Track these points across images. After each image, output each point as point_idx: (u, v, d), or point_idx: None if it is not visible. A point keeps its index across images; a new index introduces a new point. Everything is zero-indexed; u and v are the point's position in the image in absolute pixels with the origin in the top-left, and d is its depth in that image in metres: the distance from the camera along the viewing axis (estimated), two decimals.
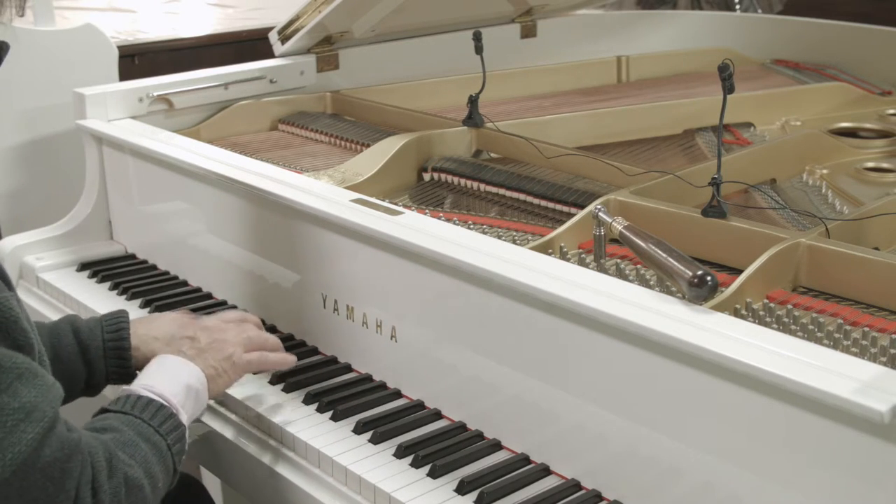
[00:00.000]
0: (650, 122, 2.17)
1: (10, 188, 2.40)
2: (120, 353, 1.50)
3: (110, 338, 1.50)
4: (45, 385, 1.13)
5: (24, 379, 1.10)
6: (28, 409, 1.09)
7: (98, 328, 1.51)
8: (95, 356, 1.49)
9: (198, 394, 1.38)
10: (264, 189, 1.68)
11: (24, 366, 1.11)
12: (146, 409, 1.29)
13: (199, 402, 1.39)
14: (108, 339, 1.50)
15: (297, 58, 2.36)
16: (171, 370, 1.39)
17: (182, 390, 1.36)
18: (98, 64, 2.46)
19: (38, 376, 1.12)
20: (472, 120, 2.02)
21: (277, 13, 3.07)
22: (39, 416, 1.10)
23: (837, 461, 1.07)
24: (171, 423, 1.30)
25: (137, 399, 1.31)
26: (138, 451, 1.24)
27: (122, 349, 1.50)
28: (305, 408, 1.51)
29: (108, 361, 1.49)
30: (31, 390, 1.10)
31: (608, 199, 1.60)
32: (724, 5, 4.53)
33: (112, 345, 1.50)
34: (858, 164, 1.96)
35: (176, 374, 1.38)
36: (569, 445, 1.33)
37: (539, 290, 1.30)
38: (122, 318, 1.53)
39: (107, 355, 1.49)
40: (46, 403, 1.11)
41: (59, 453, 1.11)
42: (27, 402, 1.09)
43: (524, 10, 2.76)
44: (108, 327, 1.51)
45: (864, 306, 1.36)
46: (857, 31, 2.64)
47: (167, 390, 1.34)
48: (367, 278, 1.56)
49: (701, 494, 1.19)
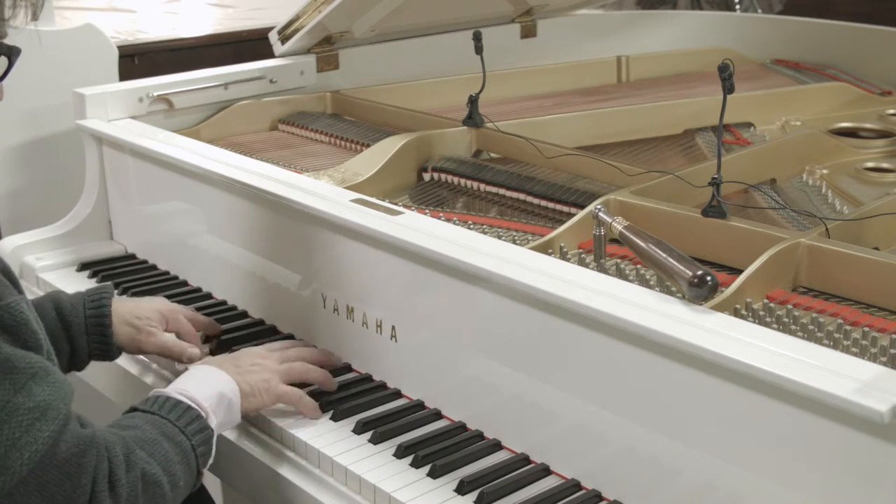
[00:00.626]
0: (650, 122, 2.17)
1: (10, 188, 2.40)
2: (101, 329, 1.53)
3: (91, 314, 1.53)
4: (58, 383, 1.14)
5: (37, 378, 1.12)
6: (43, 407, 1.11)
7: (80, 305, 1.53)
8: (78, 332, 1.52)
9: (230, 404, 1.39)
10: (264, 189, 1.68)
11: (38, 365, 1.13)
12: (173, 409, 1.31)
13: (230, 412, 1.39)
14: (89, 315, 1.53)
15: (297, 58, 2.36)
16: (206, 377, 1.40)
17: (214, 395, 1.37)
18: (98, 64, 2.46)
19: (50, 374, 1.14)
20: (472, 120, 2.02)
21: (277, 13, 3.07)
22: (54, 414, 1.12)
23: (837, 461, 1.07)
24: (198, 424, 1.31)
25: (166, 400, 1.32)
26: (158, 448, 1.25)
27: (103, 326, 1.53)
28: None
29: (90, 338, 1.52)
30: (45, 389, 1.12)
31: (608, 199, 1.60)
32: (724, 5, 4.53)
33: (94, 321, 1.52)
34: (858, 164, 1.96)
35: (210, 380, 1.39)
36: (569, 445, 1.33)
37: (539, 290, 1.30)
38: (105, 296, 1.55)
39: (89, 331, 1.52)
40: (60, 401, 1.13)
41: (74, 449, 1.13)
42: (42, 400, 1.11)
43: (524, 10, 2.76)
44: (91, 304, 1.54)
45: (864, 306, 1.36)
46: (857, 31, 2.64)
47: (199, 394, 1.35)
48: (367, 278, 1.56)
49: (701, 494, 1.19)
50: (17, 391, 1.10)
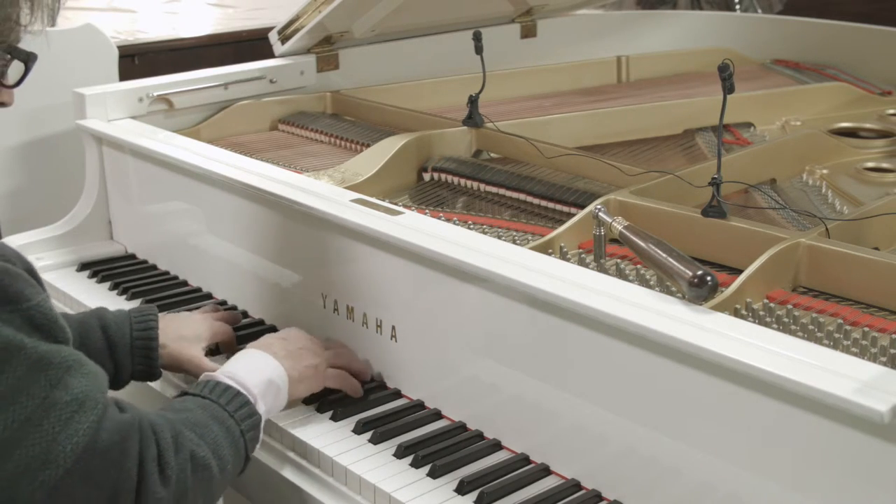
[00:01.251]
0: (650, 122, 2.17)
1: (10, 188, 2.40)
2: (147, 352, 1.52)
3: (138, 335, 1.52)
4: (93, 373, 1.16)
5: (73, 371, 1.13)
6: (81, 399, 1.12)
7: (126, 325, 1.52)
8: (123, 353, 1.51)
9: (278, 390, 1.41)
10: (264, 189, 1.68)
11: (72, 358, 1.14)
12: (223, 394, 1.32)
13: (278, 398, 1.41)
14: (136, 336, 1.52)
15: (297, 58, 2.36)
16: (256, 363, 1.41)
17: (263, 382, 1.38)
18: (98, 64, 2.46)
19: (84, 365, 1.15)
20: (472, 120, 2.02)
21: (277, 13, 3.07)
22: (92, 404, 1.13)
23: (837, 461, 1.07)
24: (247, 410, 1.33)
25: (216, 385, 1.34)
26: (208, 431, 1.26)
27: (149, 348, 1.52)
28: (305, 408, 1.51)
29: (134, 359, 1.52)
30: (80, 380, 1.13)
31: (608, 199, 1.60)
32: (724, 5, 4.53)
33: (140, 343, 1.52)
34: (858, 164, 1.96)
35: (260, 367, 1.41)
36: (569, 445, 1.33)
37: (539, 290, 1.30)
38: (152, 316, 1.54)
39: (134, 353, 1.52)
40: (97, 390, 1.14)
41: (115, 436, 1.14)
42: (79, 392, 1.12)
43: (524, 10, 2.76)
44: (137, 325, 1.53)
45: (864, 306, 1.36)
46: (857, 31, 2.64)
47: (248, 380, 1.36)
48: (367, 278, 1.56)
49: (701, 494, 1.19)
50: (54, 386, 1.10)
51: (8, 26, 1.19)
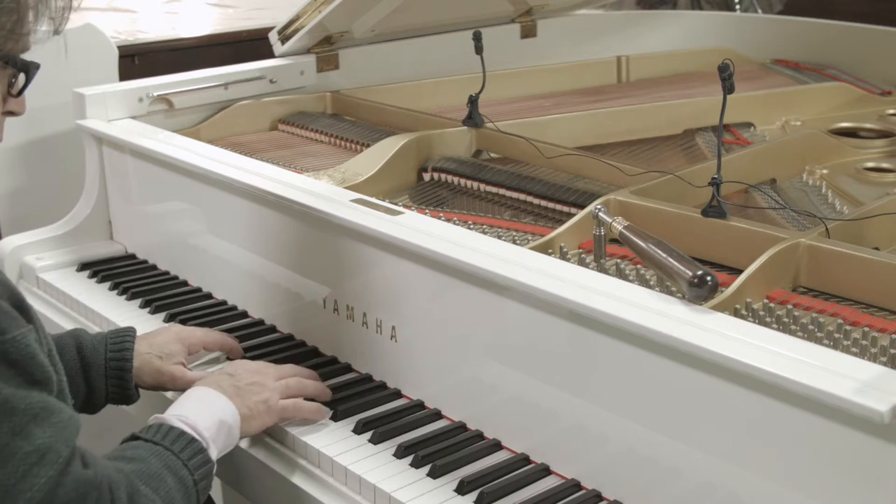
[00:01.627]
0: (650, 122, 2.17)
1: (10, 188, 2.40)
2: (121, 373, 1.49)
3: (113, 357, 1.49)
4: (62, 422, 1.11)
5: (38, 419, 1.08)
6: (42, 451, 1.08)
7: (102, 347, 1.50)
8: (97, 376, 1.48)
9: (230, 430, 1.37)
10: (264, 189, 1.68)
11: (40, 405, 1.09)
12: (177, 440, 1.28)
13: (230, 438, 1.37)
14: (110, 358, 1.49)
15: (297, 58, 2.36)
16: (207, 403, 1.37)
17: (215, 424, 1.34)
18: (98, 64, 2.46)
19: (53, 413, 1.10)
20: (472, 120, 2.02)
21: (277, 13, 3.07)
22: (54, 457, 1.08)
23: (837, 461, 1.07)
24: (201, 458, 1.29)
25: (170, 430, 1.29)
26: (163, 485, 1.22)
27: (123, 370, 1.49)
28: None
29: (108, 382, 1.49)
30: (45, 430, 1.09)
31: (608, 199, 1.60)
32: (724, 5, 4.53)
33: (114, 364, 1.49)
34: (858, 164, 1.96)
35: (210, 407, 1.36)
36: (569, 445, 1.33)
37: (539, 290, 1.30)
38: (128, 339, 1.52)
39: (108, 375, 1.49)
40: (62, 443, 1.10)
41: (72, 493, 1.10)
42: (42, 443, 1.08)
43: (524, 10, 2.76)
44: (112, 346, 1.50)
45: (864, 306, 1.36)
46: (857, 31, 2.64)
47: (200, 423, 1.32)
48: (366, 278, 1.56)
49: (701, 494, 1.19)
50: (16, 434, 1.06)
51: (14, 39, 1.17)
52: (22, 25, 1.17)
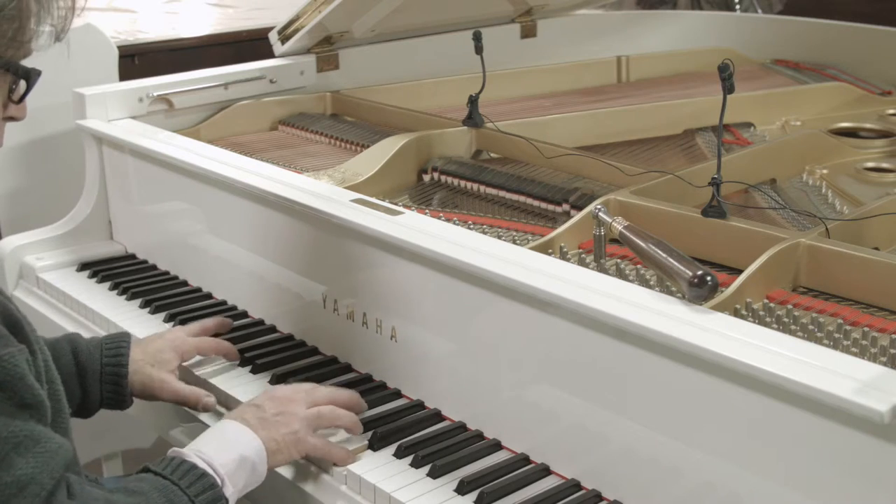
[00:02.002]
0: (650, 122, 2.17)
1: (10, 188, 2.40)
2: (116, 379, 1.49)
3: (108, 362, 1.49)
4: (48, 452, 1.08)
5: (21, 448, 1.05)
6: (23, 482, 1.04)
7: (98, 351, 1.49)
8: (92, 380, 1.48)
9: (254, 466, 1.29)
10: (264, 189, 1.68)
11: (24, 433, 1.06)
12: (186, 475, 1.22)
13: (255, 474, 1.30)
14: (105, 363, 1.49)
15: (297, 58, 2.36)
16: (229, 438, 1.30)
17: (234, 460, 1.27)
18: (98, 64, 2.46)
19: (39, 443, 1.07)
20: (472, 120, 2.02)
21: (277, 13, 3.07)
22: (36, 489, 1.05)
23: (837, 461, 1.07)
24: (212, 494, 1.22)
25: (181, 463, 1.24)
26: None
27: (118, 375, 1.49)
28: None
29: (103, 387, 1.49)
30: (28, 461, 1.05)
31: (608, 199, 1.60)
32: (724, 5, 4.53)
33: (109, 370, 1.49)
34: (858, 164, 1.96)
35: (232, 443, 1.29)
36: (569, 445, 1.33)
37: (539, 290, 1.30)
38: (123, 343, 1.51)
39: (103, 380, 1.48)
40: (45, 474, 1.06)
41: None
42: (23, 474, 1.04)
43: (524, 10, 2.76)
44: (108, 352, 1.50)
45: (864, 306, 1.36)
46: (857, 31, 2.64)
47: (217, 459, 1.25)
48: (367, 278, 1.56)
49: (701, 494, 1.19)
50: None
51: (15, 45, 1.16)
52: (23, 33, 1.16)
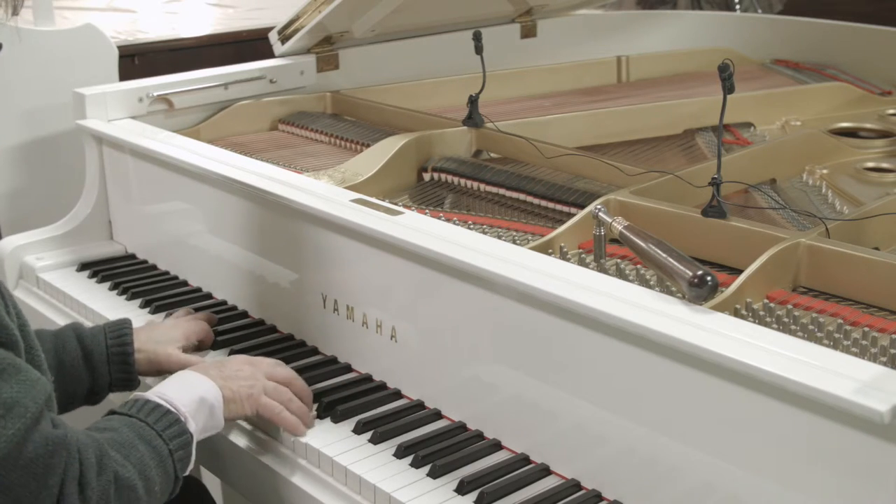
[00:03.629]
0: (650, 122, 2.17)
1: (10, 188, 2.40)
2: (123, 358, 1.52)
3: (113, 343, 1.52)
4: (29, 381, 1.12)
5: (5, 375, 1.10)
6: (9, 405, 1.08)
7: (101, 335, 1.52)
8: (99, 362, 1.51)
9: (212, 409, 1.37)
10: (264, 189, 1.68)
11: (7, 361, 1.11)
12: (151, 413, 1.29)
13: (213, 417, 1.37)
14: (111, 344, 1.52)
15: (297, 58, 2.36)
16: (188, 381, 1.38)
17: (195, 400, 1.34)
18: (98, 64, 2.46)
19: (21, 371, 1.12)
20: (472, 120, 2.02)
21: (277, 13, 3.07)
22: (21, 411, 1.09)
23: (837, 461, 1.07)
24: (176, 428, 1.29)
25: (145, 403, 1.31)
26: (134, 451, 1.23)
27: (125, 354, 1.52)
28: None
29: (111, 367, 1.51)
30: (12, 386, 1.10)
31: (608, 199, 1.60)
32: (724, 5, 4.53)
33: (116, 350, 1.51)
34: (858, 164, 1.96)
35: (191, 385, 1.37)
36: (569, 445, 1.33)
37: (539, 290, 1.30)
38: (126, 325, 1.55)
39: (110, 361, 1.51)
40: (29, 399, 1.10)
41: (41, 449, 1.10)
42: (8, 397, 1.09)
43: (524, 10, 2.76)
44: (112, 334, 1.53)
45: (864, 306, 1.37)
46: (857, 31, 2.64)
47: (178, 399, 1.33)
48: (367, 278, 1.56)
49: (701, 494, 1.19)
50: None
51: None
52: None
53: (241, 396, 1.41)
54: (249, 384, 1.43)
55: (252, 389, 1.42)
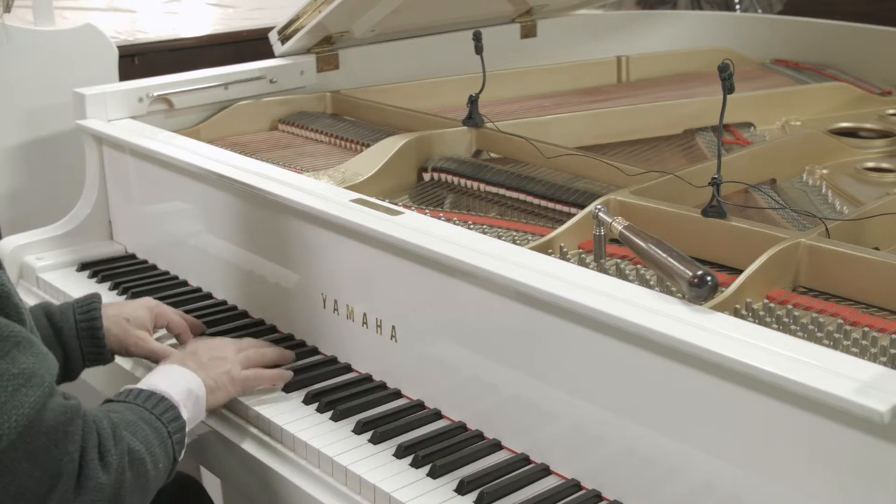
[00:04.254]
0: (650, 122, 2.17)
1: (10, 188, 2.40)
2: (93, 332, 1.55)
3: (82, 318, 1.55)
4: (42, 353, 1.16)
5: (21, 347, 1.13)
6: (28, 374, 1.12)
7: (70, 311, 1.56)
8: (69, 337, 1.54)
9: (197, 399, 1.43)
10: (264, 189, 1.68)
11: (22, 335, 1.14)
12: (148, 399, 1.34)
13: (198, 407, 1.43)
14: (80, 319, 1.55)
15: (297, 58, 2.36)
16: (174, 374, 1.44)
17: (183, 390, 1.40)
18: (98, 64, 2.46)
19: (34, 345, 1.15)
20: (472, 120, 2.02)
21: (277, 13, 3.07)
22: (39, 381, 1.12)
23: (837, 461, 1.07)
24: (172, 413, 1.35)
25: (140, 392, 1.36)
26: (140, 430, 1.28)
27: (94, 328, 1.55)
28: (305, 408, 1.51)
29: (82, 342, 1.55)
30: (28, 357, 1.13)
31: (608, 199, 1.60)
32: (724, 5, 4.53)
33: (84, 325, 1.55)
34: (858, 164, 1.96)
35: (178, 377, 1.43)
36: (569, 445, 1.33)
37: (539, 290, 1.30)
38: (94, 300, 1.59)
39: (80, 335, 1.55)
40: (45, 370, 1.14)
41: (61, 417, 1.14)
42: (26, 367, 1.12)
43: (524, 10, 2.76)
44: (80, 309, 1.56)
45: (864, 306, 1.37)
46: (857, 31, 2.64)
47: (169, 388, 1.38)
48: (367, 278, 1.56)
49: (701, 494, 1.19)
50: (2, 357, 1.10)
51: None
52: None
53: (223, 382, 1.48)
54: (226, 369, 1.49)
55: (231, 373, 1.49)
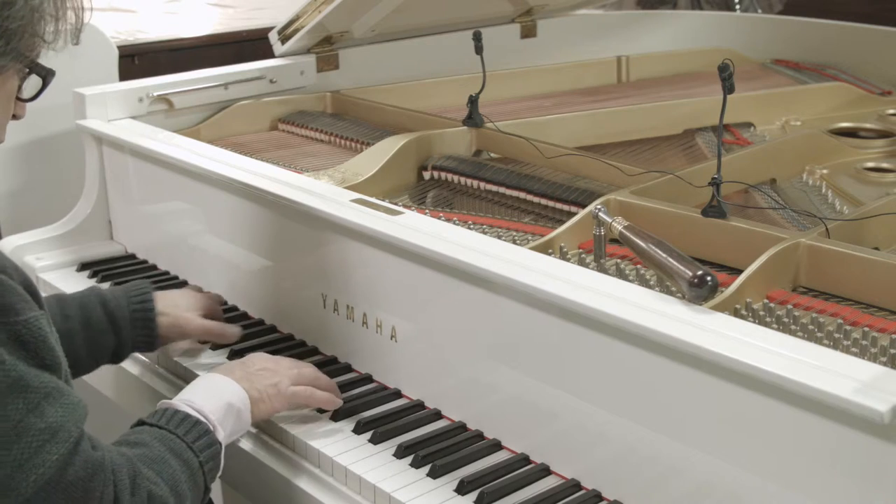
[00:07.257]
0: (650, 122, 2.17)
1: (10, 188, 2.40)
2: (146, 321, 1.57)
3: (136, 307, 1.57)
4: (72, 404, 1.13)
5: (51, 398, 1.11)
6: (54, 428, 1.10)
7: (124, 299, 1.58)
8: (123, 325, 1.56)
9: (239, 413, 1.38)
10: (264, 189, 1.68)
11: (52, 385, 1.11)
12: (181, 424, 1.29)
13: (240, 421, 1.38)
14: (134, 308, 1.57)
15: (297, 58, 2.36)
16: (214, 387, 1.39)
17: (222, 407, 1.35)
18: (98, 64, 2.46)
19: (64, 395, 1.13)
20: (472, 120, 2.02)
21: (277, 13, 3.07)
22: (65, 436, 1.11)
23: (837, 461, 1.07)
24: (206, 440, 1.30)
25: (174, 414, 1.31)
26: (166, 467, 1.23)
27: (148, 318, 1.57)
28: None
29: (135, 330, 1.57)
30: (57, 410, 1.11)
31: (608, 199, 1.60)
32: (724, 5, 4.53)
33: (139, 314, 1.57)
34: (858, 164, 1.96)
35: (218, 390, 1.38)
36: (569, 445, 1.33)
37: (539, 290, 1.30)
38: (146, 289, 1.61)
39: (134, 324, 1.56)
40: (72, 423, 1.12)
41: (82, 472, 1.12)
42: (53, 421, 1.10)
43: (524, 10, 2.76)
44: (134, 298, 1.58)
45: (864, 306, 1.36)
46: (857, 31, 2.64)
47: (206, 406, 1.33)
48: (367, 278, 1.56)
49: (701, 494, 1.19)
50: (30, 411, 1.08)
51: (34, 42, 1.19)
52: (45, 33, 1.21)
53: (270, 395, 1.42)
54: (274, 381, 1.43)
55: (278, 386, 1.43)
